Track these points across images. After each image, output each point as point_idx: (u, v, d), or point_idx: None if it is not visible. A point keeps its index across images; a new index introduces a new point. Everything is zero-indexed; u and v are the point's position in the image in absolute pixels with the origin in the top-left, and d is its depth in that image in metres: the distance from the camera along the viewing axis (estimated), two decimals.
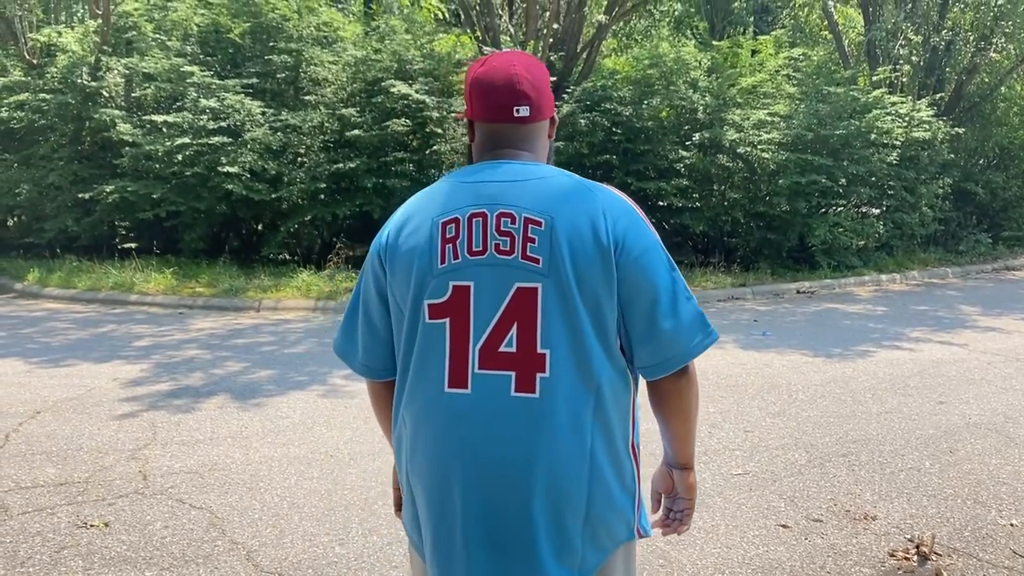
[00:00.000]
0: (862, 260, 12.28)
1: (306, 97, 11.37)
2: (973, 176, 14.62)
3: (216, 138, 10.45)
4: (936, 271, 12.73)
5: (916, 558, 3.29)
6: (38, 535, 3.49)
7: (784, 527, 3.59)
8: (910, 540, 3.45)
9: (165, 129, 10.65)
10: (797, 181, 11.29)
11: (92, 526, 3.58)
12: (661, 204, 12.04)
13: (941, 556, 3.32)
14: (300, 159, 11.24)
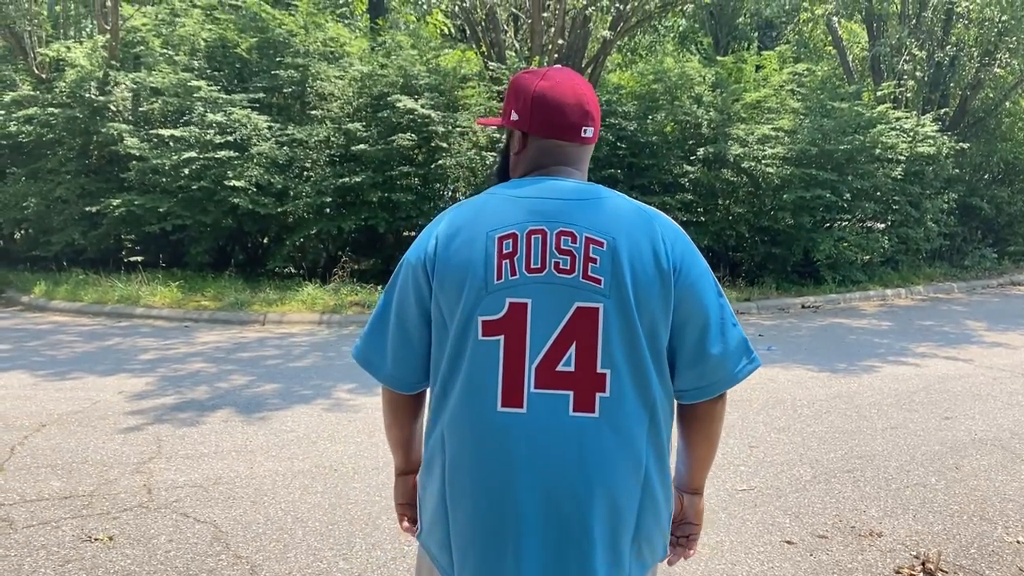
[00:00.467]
0: (867, 275, 12.28)
1: (312, 112, 11.44)
2: (978, 191, 14.63)
3: (223, 152, 10.52)
4: (941, 286, 12.72)
5: (922, 575, 3.28)
6: (43, 548, 3.50)
7: (789, 543, 3.58)
8: (916, 557, 3.43)
9: (172, 143, 10.73)
10: (802, 196, 11.30)
11: (97, 540, 3.58)
12: None
13: (947, 573, 3.30)
14: (306, 173, 11.30)
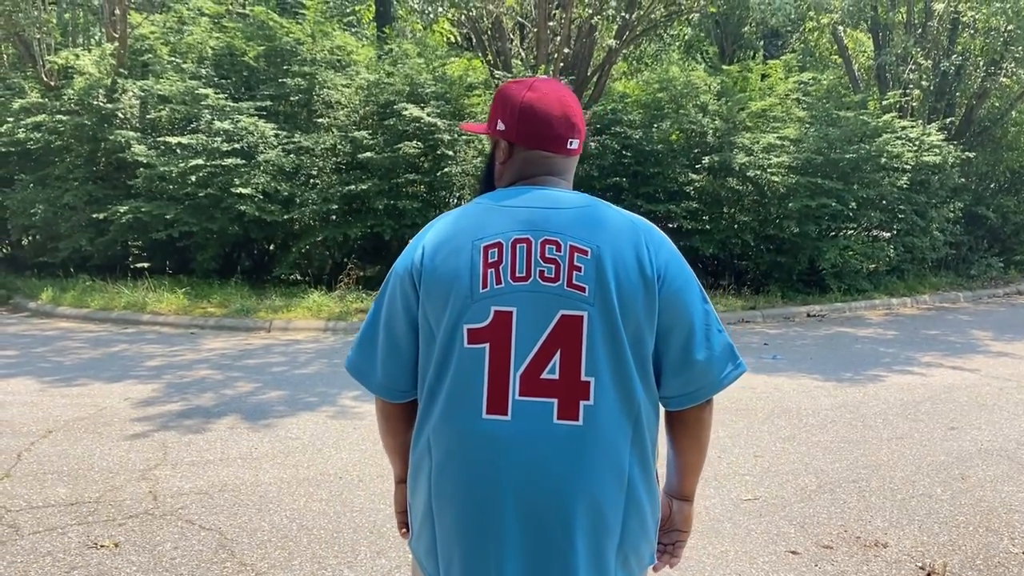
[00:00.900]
0: (873, 284, 12.24)
1: (319, 119, 11.49)
2: (984, 200, 14.59)
3: (229, 160, 10.57)
4: (947, 295, 12.68)
5: None
6: (49, 555, 3.51)
7: (794, 553, 3.57)
8: (921, 568, 3.42)
9: (179, 150, 10.79)
10: (807, 204, 11.29)
11: (102, 546, 3.59)
12: (671, 227, 12.05)
13: None
14: (312, 181, 11.34)
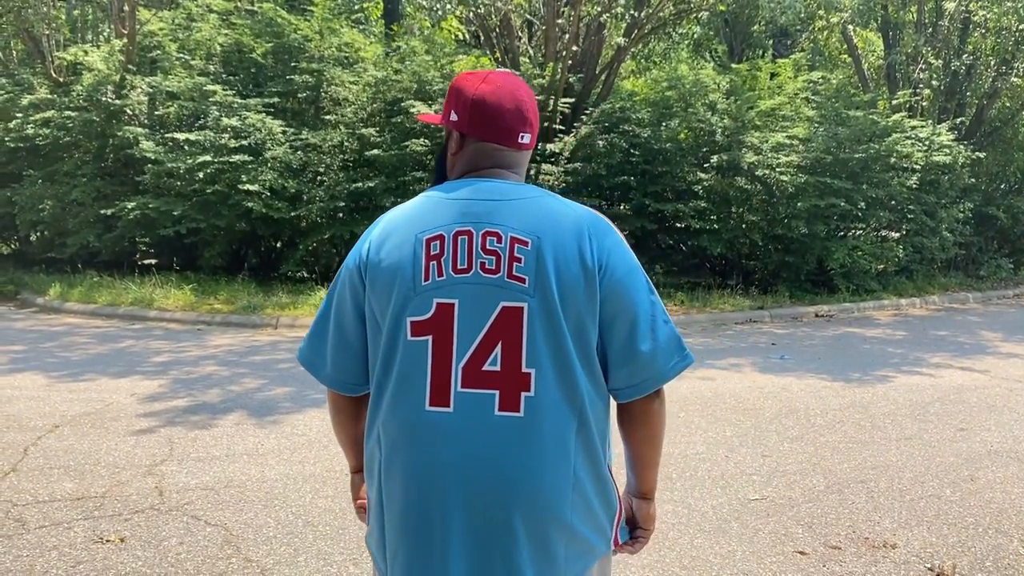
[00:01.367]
0: (881, 284, 12.19)
1: (326, 116, 11.48)
2: (994, 200, 14.51)
3: (237, 156, 10.57)
4: (956, 296, 12.61)
5: None
6: (55, 549, 3.51)
7: (802, 554, 3.55)
8: (930, 569, 3.40)
9: (187, 147, 10.79)
10: (816, 204, 11.24)
11: (108, 541, 3.59)
12: (679, 226, 12.03)
13: None
14: (320, 178, 11.33)
